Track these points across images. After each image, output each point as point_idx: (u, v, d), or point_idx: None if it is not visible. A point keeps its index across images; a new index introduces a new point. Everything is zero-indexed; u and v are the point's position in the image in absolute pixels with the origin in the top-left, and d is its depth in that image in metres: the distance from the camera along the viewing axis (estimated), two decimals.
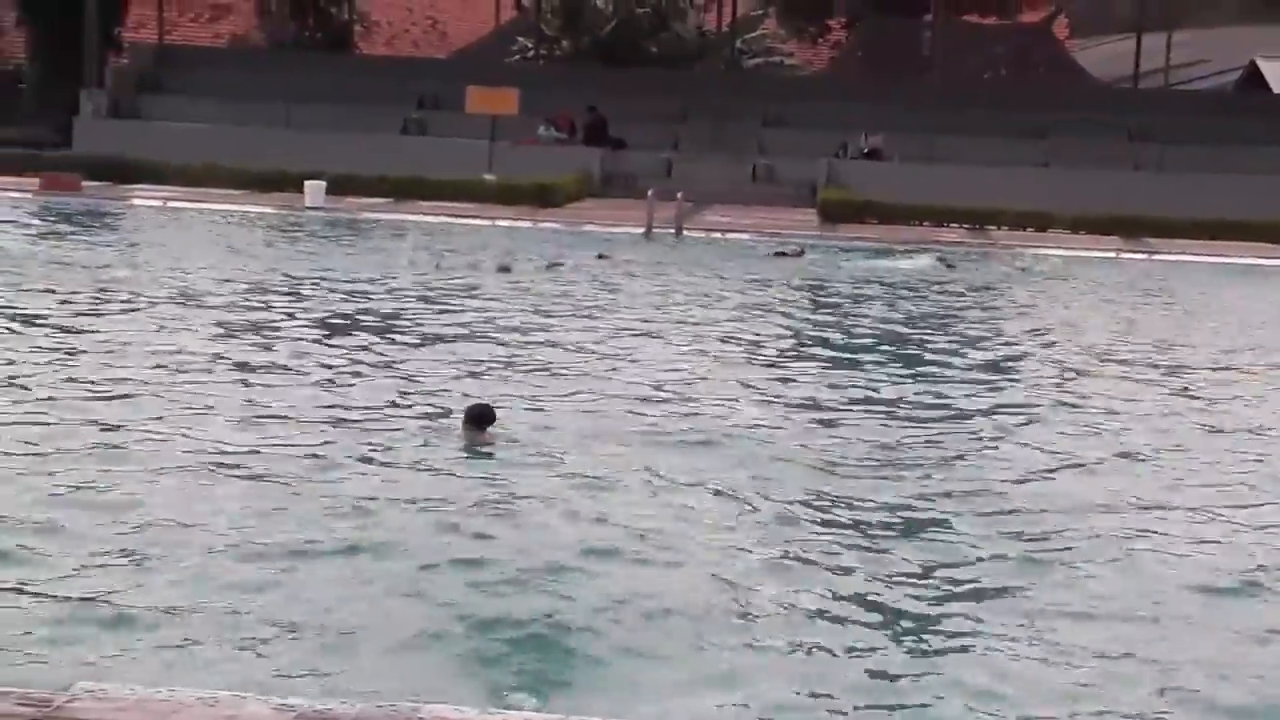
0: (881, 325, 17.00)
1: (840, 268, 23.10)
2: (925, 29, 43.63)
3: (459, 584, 7.02)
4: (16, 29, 40.08)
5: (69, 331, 13.56)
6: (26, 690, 4.66)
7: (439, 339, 14.24)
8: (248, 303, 16.09)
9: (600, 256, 22.11)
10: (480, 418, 9.49)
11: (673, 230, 26.48)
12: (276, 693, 4.92)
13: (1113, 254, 26.67)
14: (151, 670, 5.76)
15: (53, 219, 24.68)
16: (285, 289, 17.34)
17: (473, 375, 12.16)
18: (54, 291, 15.75)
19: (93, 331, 13.68)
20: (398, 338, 14.14)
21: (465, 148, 32.59)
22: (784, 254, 23.83)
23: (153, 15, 39.61)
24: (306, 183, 28.56)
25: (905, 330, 16.75)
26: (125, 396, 10.81)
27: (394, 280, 18.45)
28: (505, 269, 20.15)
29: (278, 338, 13.85)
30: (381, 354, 13.10)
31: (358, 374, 12.11)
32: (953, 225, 29.52)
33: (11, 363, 11.71)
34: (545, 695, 5.84)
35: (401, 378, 12.02)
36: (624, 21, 42.13)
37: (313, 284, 17.74)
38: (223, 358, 12.51)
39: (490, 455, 9.39)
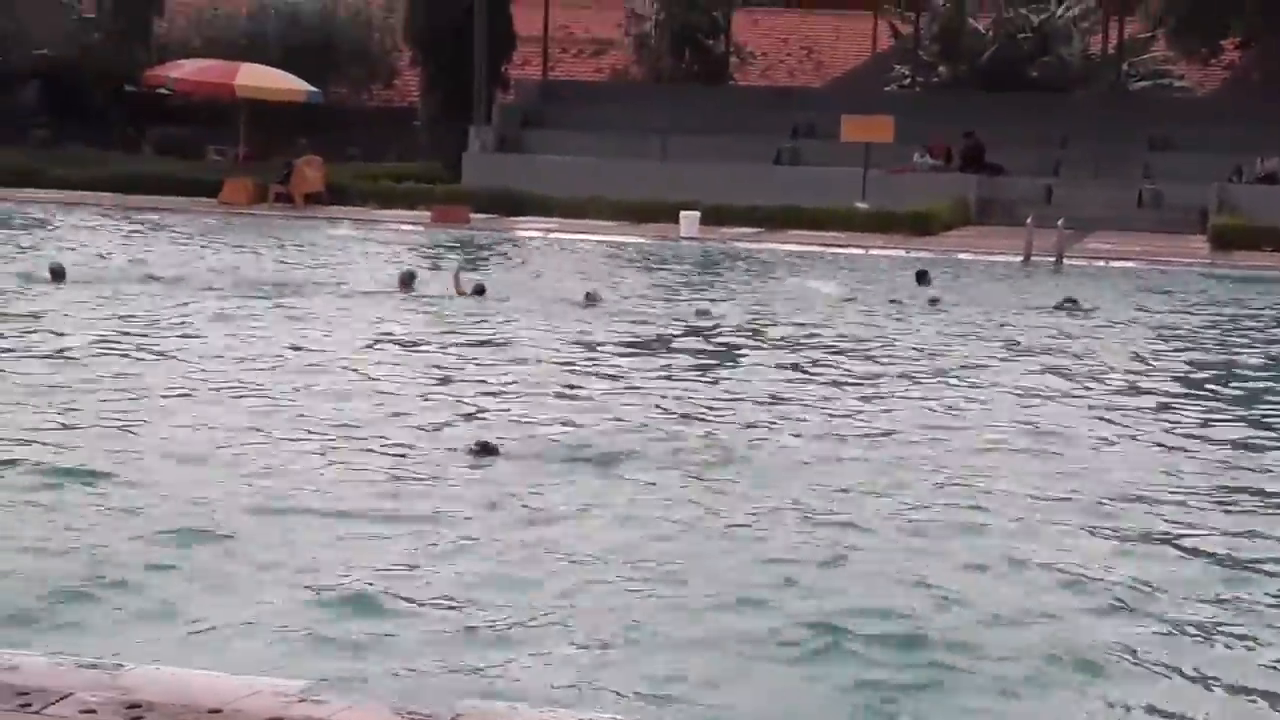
0: None
1: None
2: None
3: (832, 600, 6.91)
4: (411, 69, 42.01)
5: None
6: (412, 707, 4.72)
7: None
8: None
9: (922, 276, 21.63)
10: (485, 450, 9.81)
11: (1053, 258, 25.66)
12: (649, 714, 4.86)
13: None
14: (530, 690, 5.80)
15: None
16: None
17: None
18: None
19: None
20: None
21: (838, 176, 32.42)
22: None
23: (538, 53, 40.96)
24: (681, 213, 28.91)
25: None
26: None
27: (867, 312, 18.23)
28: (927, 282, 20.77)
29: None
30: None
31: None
32: None
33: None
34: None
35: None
36: (1004, 46, 41.27)
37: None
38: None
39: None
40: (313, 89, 35.58)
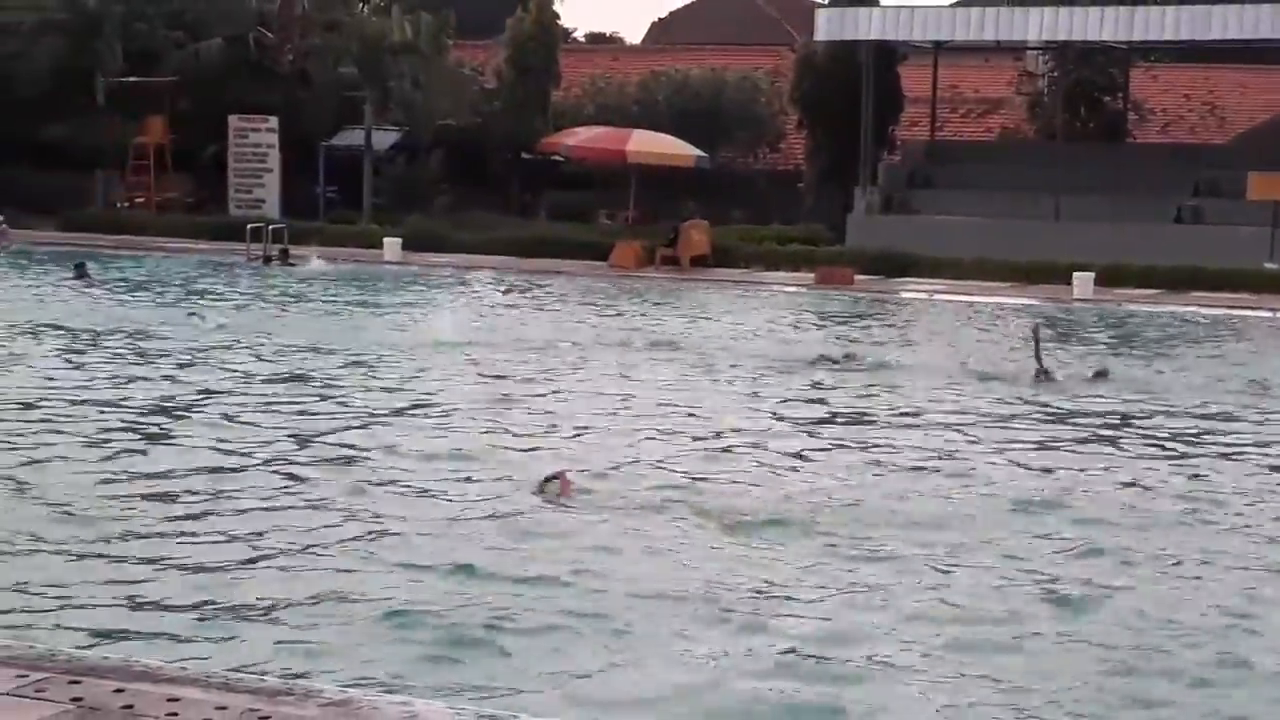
0: None
1: None
2: None
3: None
4: (797, 132, 42.16)
5: None
6: None
7: None
8: None
9: None
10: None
11: None
12: None
13: None
14: None
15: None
16: None
17: None
18: None
19: None
20: None
21: (1244, 236, 30.88)
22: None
23: (925, 114, 40.49)
24: (1075, 274, 28.01)
25: None
26: None
27: None
28: None
29: None
30: None
31: None
32: None
33: None
34: None
35: None
36: None
37: None
38: None
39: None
40: (701, 154, 36.10)
